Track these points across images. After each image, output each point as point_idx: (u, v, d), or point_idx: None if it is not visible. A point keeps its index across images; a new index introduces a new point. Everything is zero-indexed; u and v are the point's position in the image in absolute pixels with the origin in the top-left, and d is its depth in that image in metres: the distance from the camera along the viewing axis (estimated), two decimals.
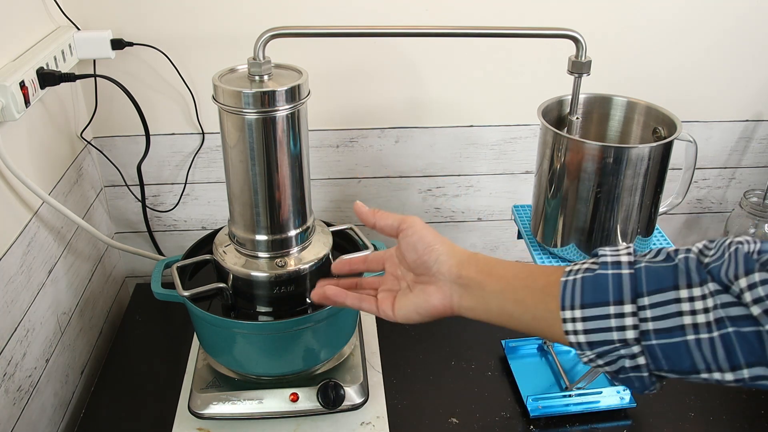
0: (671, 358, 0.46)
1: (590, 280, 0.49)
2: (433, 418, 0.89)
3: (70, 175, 0.96)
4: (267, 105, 0.69)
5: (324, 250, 0.82)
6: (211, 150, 1.07)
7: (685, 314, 0.45)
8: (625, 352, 0.47)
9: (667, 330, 0.45)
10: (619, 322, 0.47)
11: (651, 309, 0.46)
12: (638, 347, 0.47)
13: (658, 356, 0.46)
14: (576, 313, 0.49)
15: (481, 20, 0.99)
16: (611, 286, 0.48)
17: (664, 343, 0.46)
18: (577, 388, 0.89)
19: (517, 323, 0.55)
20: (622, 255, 0.49)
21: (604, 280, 0.48)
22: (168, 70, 0.99)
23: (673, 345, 0.45)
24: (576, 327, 0.49)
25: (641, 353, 0.47)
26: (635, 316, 0.46)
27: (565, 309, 0.49)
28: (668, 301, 0.45)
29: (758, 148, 1.16)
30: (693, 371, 0.46)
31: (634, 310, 0.46)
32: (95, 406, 0.91)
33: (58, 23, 0.92)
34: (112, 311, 1.12)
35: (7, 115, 0.74)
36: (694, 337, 0.44)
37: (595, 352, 0.49)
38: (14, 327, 0.78)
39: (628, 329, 0.46)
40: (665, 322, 0.45)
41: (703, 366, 0.45)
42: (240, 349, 0.82)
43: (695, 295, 0.45)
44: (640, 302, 0.47)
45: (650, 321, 0.46)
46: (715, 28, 1.04)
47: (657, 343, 0.46)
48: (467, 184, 1.15)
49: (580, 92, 0.81)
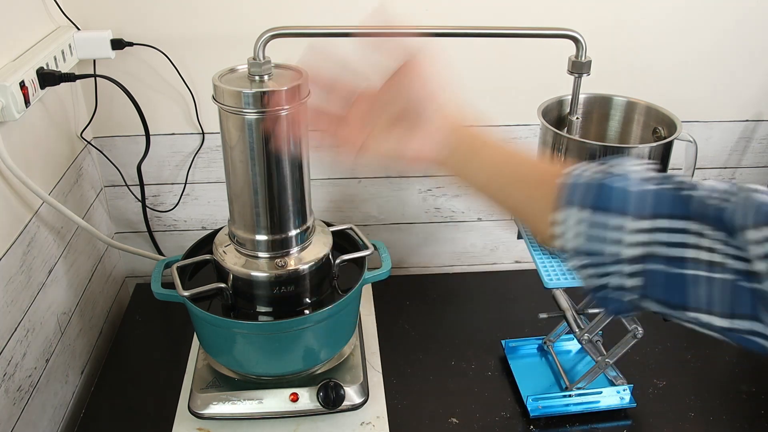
0: (667, 287, 0.43)
1: (596, 185, 0.46)
2: (433, 418, 0.89)
3: (70, 175, 0.96)
4: (267, 105, 0.69)
5: (324, 250, 0.82)
6: (211, 150, 1.07)
7: (689, 247, 0.42)
8: (614, 269, 0.45)
9: (673, 259, 0.43)
10: (616, 236, 0.44)
11: (662, 233, 0.43)
12: (633, 267, 0.44)
13: (657, 282, 0.44)
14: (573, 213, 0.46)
15: (481, 20, 0.99)
16: (618, 198, 0.45)
17: (666, 271, 0.43)
18: (577, 388, 0.89)
19: (500, 203, 0.52)
20: (641, 171, 0.46)
21: (611, 190, 0.45)
22: (168, 70, 0.99)
23: (672, 275, 0.43)
24: (566, 231, 0.46)
25: (637, 274, 0.44)
26: (641, 233, 0.44)
27: (559, 210, 0.46)
28: (678, 230, 0.43)
29: (758, 148, 1.16)
30: (681, 307, 0.43)
31: (640, 228, 0.44)
32: (95, 406, 0.90)
33: (58, 23, 0.92)
34: (112, 311, 1.12)
35: (7, 115, 0.74)
36: (694, 273, 0.42)
37: (581, 260, 0.46)
38: (14, 327, 0.78)
39: (624, 246, 0.44)
40: (672, 250, 0.43)
41: (694, 304, 0.42)
42: (240, 349, 0.82)
43: (704, 232, 0.42)
44: (652, 223, 0.44)
45: (651, 245, 0.43)
46: (715, 28, 1.04)
47: (660, 269, 0.43)
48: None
49: (580, 92, 0.81)
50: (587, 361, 0.97)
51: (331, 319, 0.81)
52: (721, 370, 0.97)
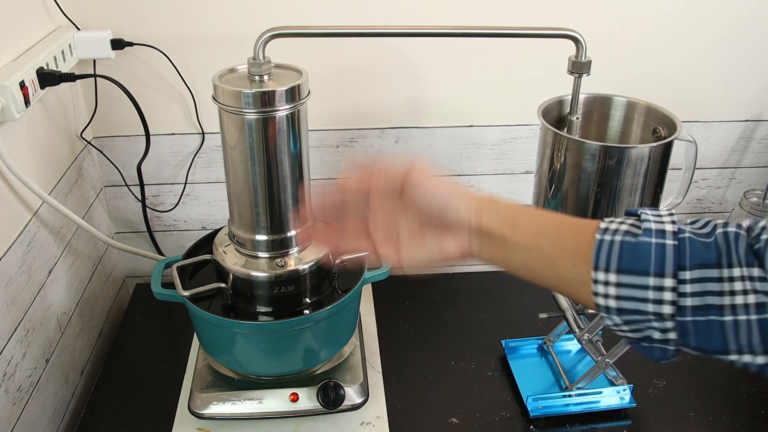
0: (703, 336, 0.44)
1: (630, 246, 0.46)
2: (433, 418, 0.89)
3: (70, 175, 0.96)
4: (267, 105, 0.69)
5: (324, 250, 0.82)
6: (211, 150, 1.07)
7: (725, 294, 0.43)
8: (657, 325, 0.45)
9: (705, 307, 0.43)
10: (657, 295, 0.45)
11: (691, 284, 0.44)
12: (672, 322, 0.45)
13: (689, 332, 0.44)
14: (611, 277, 0.46)
15: (481, 20, 0.99)
16: (654, 257, 0.45)
17: (699, 321, 0.44)
18: (577, 388, 0.89)
19: (540, 279, 0.52)
20: (667, 224, 0.46)
21: (647, 248, 0.45)
22: (168, 70, 0.99)
23: (707, 323, 0.43)
24: (608, 291, 0.46)
25: (673, 328, 0.45)
26: (674, 291, 0.44)
27: (599, 270, 0.47)
28: (709, 279, 0.43)
29: (758, 148, 1.16)
30: (722, 351, 0.44)
31: (674, 285, 0.44)
32: (95, 406, 0.90)
33: (58, 23, 0.92)
34: (112, 311, 1.12)
35: (7, 115, 0.74)
36: (732, 318, 0.43)
37: (623, 319, 0.47)
38: (14, 327, 0.78)
39: (665, 304, 0.44)
40: (704, 299, 0.44)
41: (735, 347, 0.43)
42: (240, 349, 0.82)
43: (736, 275, 0.43)
44: (681, 275, 0.44)
45: (689, 297, 0.44)
46: (715, 28, 1.04)
47: (692, 320, 0.44)
48: (467, 184, 1.15)
49: (580, 92, 0.81)
50: (587, 361, 0.97)
51: (331, 319, 0.81)
52: (721, 370, 0.97)
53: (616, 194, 0.77)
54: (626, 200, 0.77)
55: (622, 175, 0.76)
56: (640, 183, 0.77)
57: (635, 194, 0.77)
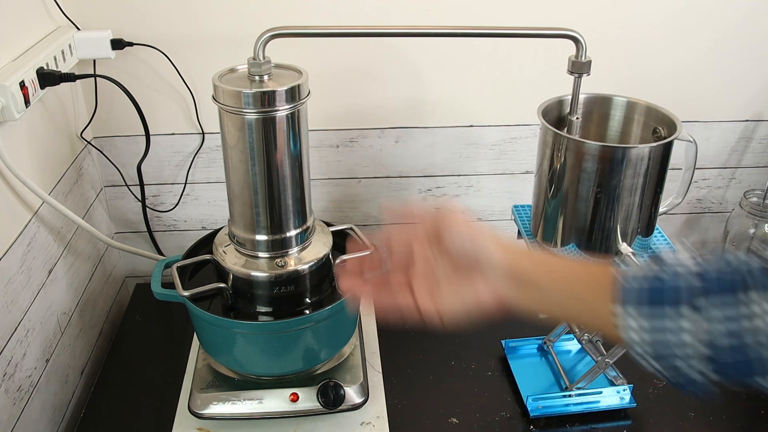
0: (734, 366, 0.45)
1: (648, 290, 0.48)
2: (433, 418, 0.89)
3: (70, 175, 0.96)
4: (267, 105, 0.69)
5: (324, 250, 0.82)
6: (211, 150, 1.07)
7: (743, 317, 0.44)
8: (680, 362, 0.46)
9: (733, 335, 0.44)
10: (676, 338, 0.46)
11: (718, 315, 0.45)
12: (699, 354, 0.46)
13: (723, 362, 0.45)
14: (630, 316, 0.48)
15: (481, 20, 0.99)
16: (672, 297, 0.46)
17: (730, 350, 0.45)
18: (577, 388, 0.89)
19: (575, 318, 0.53)
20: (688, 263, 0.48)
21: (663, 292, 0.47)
22: (168, 70, 0.99)
23: (736, 353, 0.44)
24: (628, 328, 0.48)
25: (703, 359, 0.46)
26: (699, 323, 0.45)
27: (617, 306, 0.48)
28: (732, 310, 0.44)
29: (758, 148, 1.16)
30: (750, 377, 0.45)
31: (697, 319, 0.45)
32: (95, 406, 0.90)
33: (58, 23, 0.92)
34: (112, 311, 1.12)
35: (7, 115, 0.74)
36: (756, 345, 0.43)
37: (648, 354, 0.48)
38: (14, 327, 0.78)
39: (687, 339, 0.46)
40: (731, 326, 0.44)
41: (761, 372, 0.44)
42: (240, 349, 0.82)
43: (756, 301, 0.44)
44: (707, 312, 0.45)
45: (718, 327, 0.45)
46: (715, 28, 1.04)
47: (725, 351, 0.45)
48: (467, 184, 1.15)
49: (580, 92, 0.81)
50: (587, 361, 0.97)
51: (331, 319, 0.81)
52: None
53: (616, 194, 0.77)
54: (626, 200, 0.77)
55: (622, 175, 0.76)
56: (640, 183, 0.77)
57: (635, 194, 0.77)
